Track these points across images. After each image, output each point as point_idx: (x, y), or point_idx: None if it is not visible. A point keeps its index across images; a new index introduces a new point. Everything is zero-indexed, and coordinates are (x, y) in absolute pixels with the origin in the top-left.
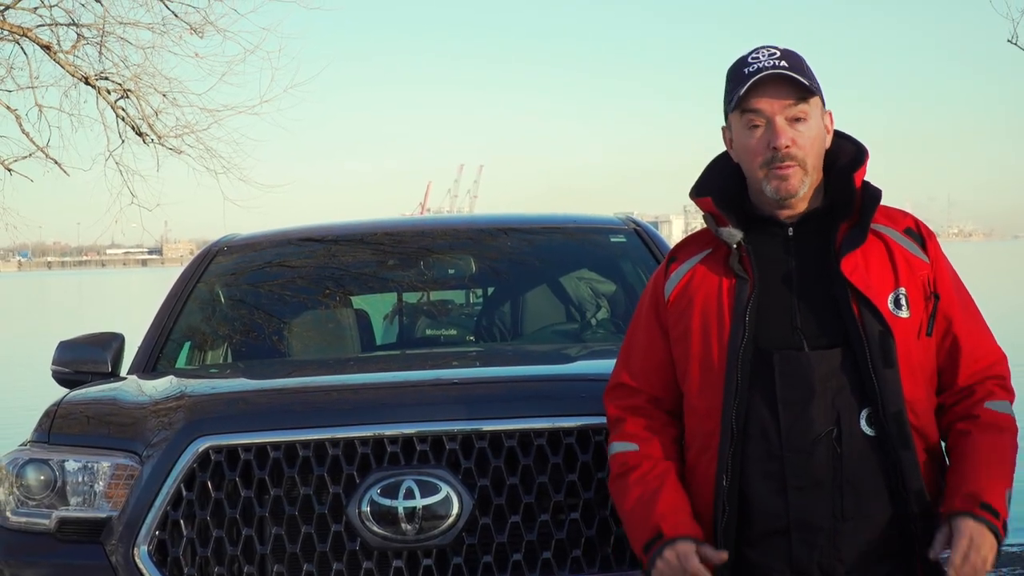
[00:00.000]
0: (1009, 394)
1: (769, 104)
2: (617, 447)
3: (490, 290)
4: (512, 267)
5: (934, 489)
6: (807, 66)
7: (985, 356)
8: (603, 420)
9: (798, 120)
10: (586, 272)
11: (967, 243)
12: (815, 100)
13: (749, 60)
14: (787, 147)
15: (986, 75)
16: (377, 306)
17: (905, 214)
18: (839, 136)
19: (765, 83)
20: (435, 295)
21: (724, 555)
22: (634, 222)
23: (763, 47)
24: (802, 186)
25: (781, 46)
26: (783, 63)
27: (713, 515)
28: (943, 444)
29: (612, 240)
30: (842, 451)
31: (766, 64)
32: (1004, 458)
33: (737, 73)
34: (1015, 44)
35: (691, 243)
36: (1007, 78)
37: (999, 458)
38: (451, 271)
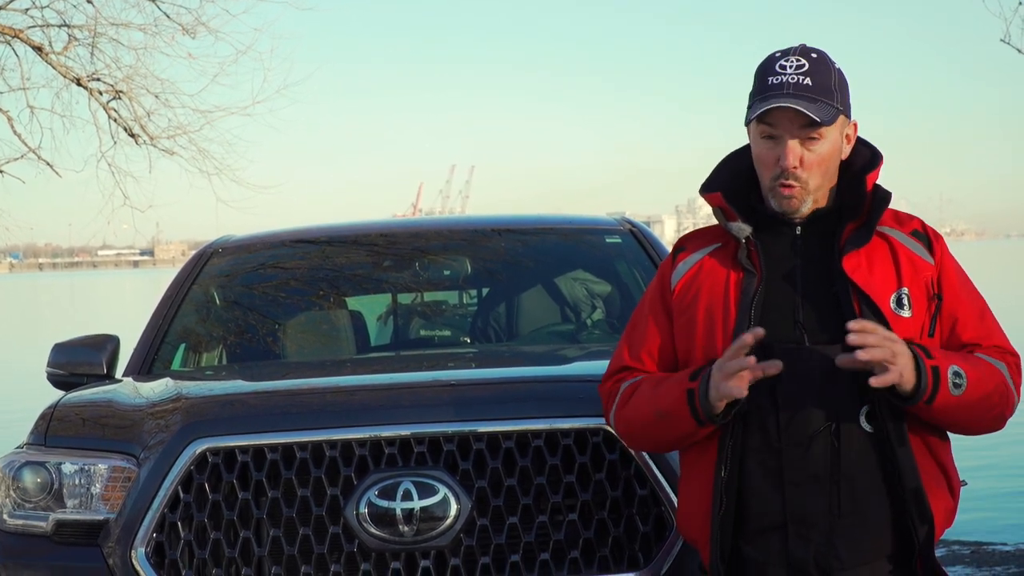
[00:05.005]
0: (1014, 371)
1: (783, 124)
2: (623, 384)
3: (485, 291)
4: (507, 268)
5: (934, 491)
6: (834, 80)
7: (995, 344)
8: (600, 421)
9: (812, 139)
10: (581, 273)
11: (959, 242)
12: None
13: (776, 69)
14: (794, 168)
15: (979, 74)
16: (371, 307)
17: (912, 217)
18: (858, 142)
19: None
20: (429, 296)
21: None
22: (629, 223)
23: (793, 53)
24: (803, 205)
25: (813, 51)
26: (807, 80)
27: (711, 507)
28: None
29: (607, 241)
30: (840, 446)
31: (790, 80)
32: (973, 359)
33: (762, 80)
34: (1008, 43)
35: (700, 236)
36: (1000, 77)
37: (968, 356)
38: (446, 272)
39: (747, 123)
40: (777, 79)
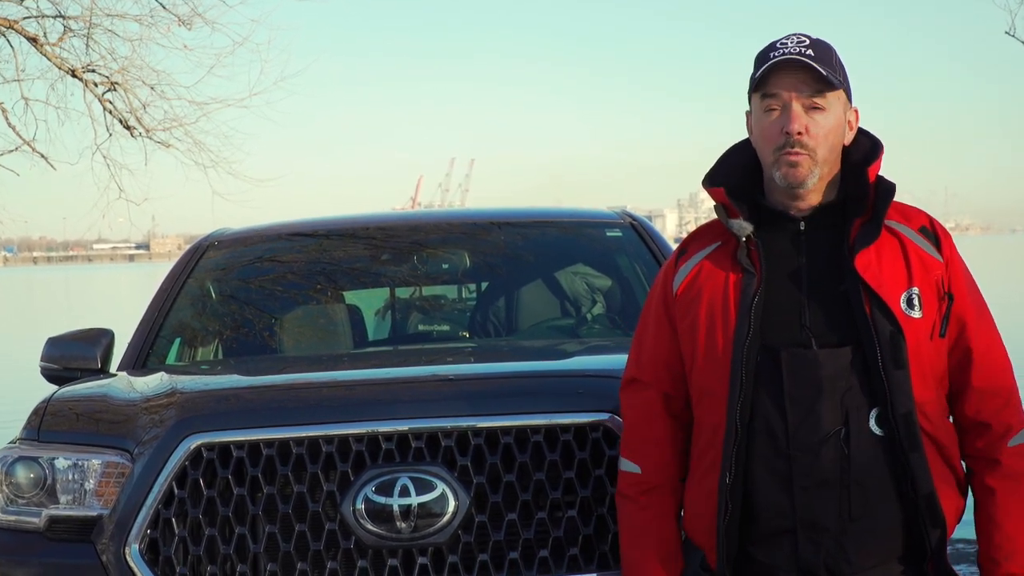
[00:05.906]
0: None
1: (787, 89)
2: (623, 465)
3: (484, 285)
4: (507, 262)
5: (945, 492)
6: (835, 59)
7: (995, 367)
8: (600, 417)
9: (816, 109)
10: (582, 267)
11: (964, 236)
12: (836, 93)
13: (777, 45)
14: (799, 134)
15: (984, 68)
16: (369, 301)
17: (920, 212)
18: (858, 132)
19: (786, 68)
20: (428, 290)
21: None
22: (630, 216)
23: (795, 34)
24: (811, 176)
25: (814, 35)
26: (809, 51)
27: (716, 512)
28: (968, 485)
29: (608, 234)
30: (850, 451)
31: (792, 51)
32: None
33: (763, 56)
34: (1012, 35)
35: (702, 235)
36: (1006, 71)
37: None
38: (444, 266)
39: (750, 92)
40: (778, 52)
